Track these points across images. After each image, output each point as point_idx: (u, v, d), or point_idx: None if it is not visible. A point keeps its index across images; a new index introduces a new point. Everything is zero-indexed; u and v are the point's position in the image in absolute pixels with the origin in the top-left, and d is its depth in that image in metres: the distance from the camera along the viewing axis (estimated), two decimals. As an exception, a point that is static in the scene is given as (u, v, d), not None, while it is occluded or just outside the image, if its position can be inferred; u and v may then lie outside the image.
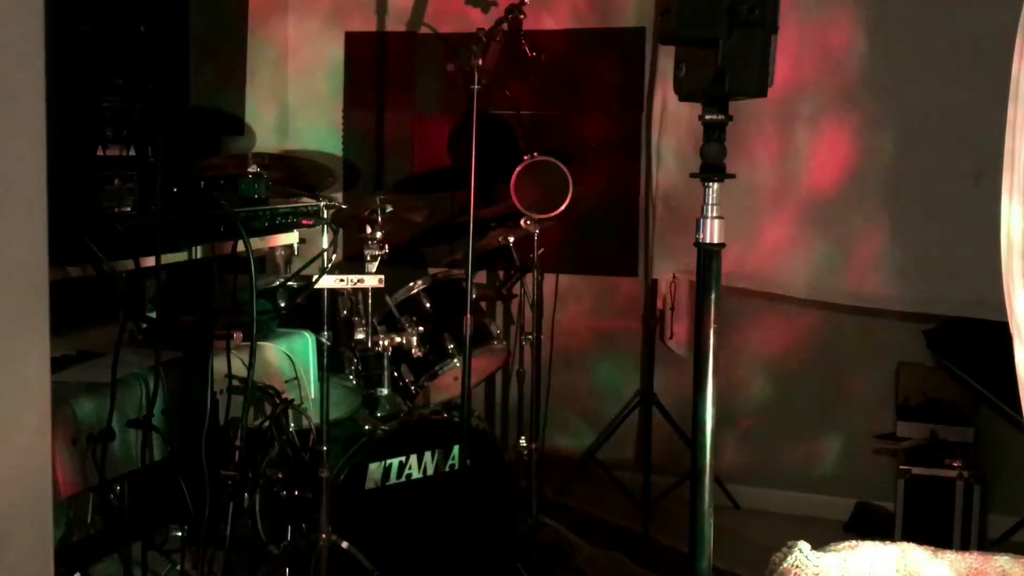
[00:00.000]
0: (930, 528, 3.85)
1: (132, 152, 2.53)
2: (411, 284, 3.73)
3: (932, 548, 2.08)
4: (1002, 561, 2.01)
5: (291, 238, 3.33)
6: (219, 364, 2.94)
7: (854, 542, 2.06)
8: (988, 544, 3.93)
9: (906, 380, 4.23)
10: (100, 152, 2.47)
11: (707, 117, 2.07)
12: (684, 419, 4.21)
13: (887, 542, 2.07)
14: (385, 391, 3.48)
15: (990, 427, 4.10)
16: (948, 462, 3.90)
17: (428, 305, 3.72)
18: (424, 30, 4.76)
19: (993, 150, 2.38)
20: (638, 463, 4.53)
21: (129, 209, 2.51)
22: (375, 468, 3.30)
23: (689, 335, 4.44)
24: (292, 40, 4.94)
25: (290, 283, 3.28)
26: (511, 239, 3.92)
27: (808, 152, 4.19)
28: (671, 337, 4.53)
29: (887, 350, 4.29)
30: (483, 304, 4.17)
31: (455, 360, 3.66)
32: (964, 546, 3.79)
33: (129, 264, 2.49)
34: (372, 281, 3.19)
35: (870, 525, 4.18)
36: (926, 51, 3.91)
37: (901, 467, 3.95)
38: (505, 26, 3.39)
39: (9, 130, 1.36)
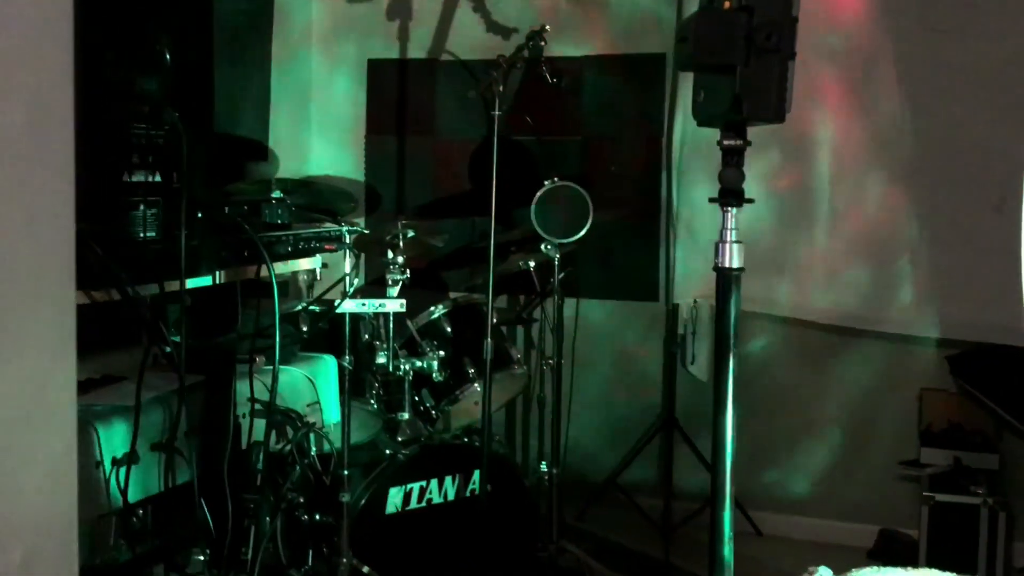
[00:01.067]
0: (955, 556, 3.81)
1: (157, 178, 2.57)
2: (432, 308, 3.75)
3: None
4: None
5: (313, 263, 3.36)
6: (242, 388, 2.96)
7: (876, 568, 2.05)
8: (1014, 573, 3.89)
9: (929, 406, 4.20)
10: (126, 178, 2.51)
11: (725, 143, 2.08)
12: (706, 445, 4.19)
13: (910, 569, 2.06)
14: (406, 415, 3.49)
15: (1015, 453, 4.06)
16: (972, 489, 3.87)
17: (449, 330, 3.73)
18: (445, 57, 4.80)
19: (1015, 178, 2.39)
20: (659, 489, 4.51)
21: (154, 234, 2.54)
22: (396, 493, 3.31)
23: (710, 360, 4.43)
24: (315, 67, 4.99)
25: (312, 307, 3.30)
26: (531, 264, 3.93)
27: (831, 180, 4.19)
28: (692, 362, 4.52)
29: (910, 376, 4.27)
30: (503, 329, 4.17)
31: (475, 385, 3.67)
32: (989, 574, 3.75)
33: (153, 288, 2.51)
34: (393, 305, 3.21)
35: (894, 552, 4.14)
36: (948, 80, 3.91)
37: (925, 494, 3.91)
38: (526, 52, 3.41)
39: (39, 157, 1.39)
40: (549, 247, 3.79)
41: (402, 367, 3.43)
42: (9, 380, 1.34)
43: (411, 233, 3.38)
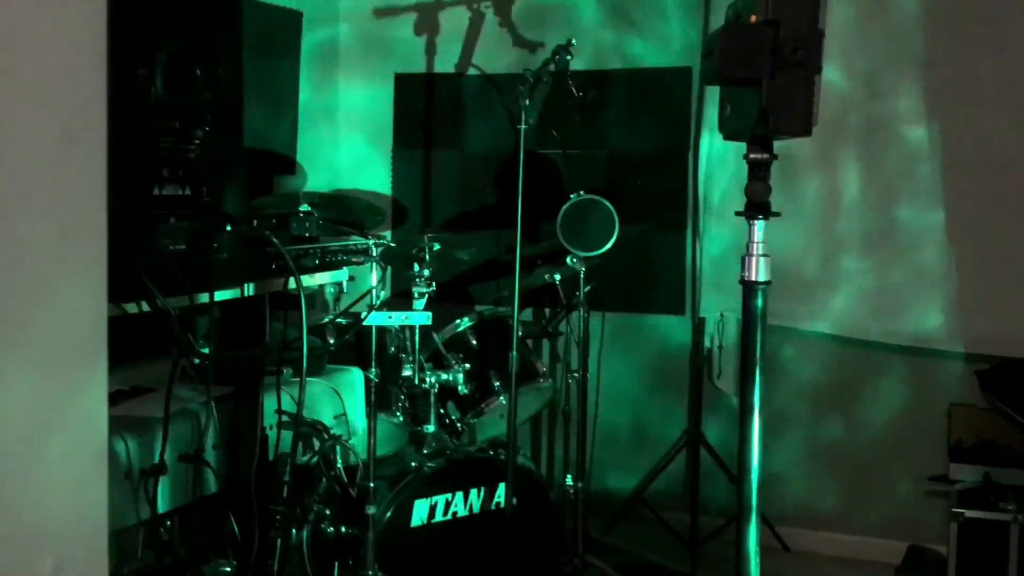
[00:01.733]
0: (984, 573, 3.77)
1: (187, 192, 2.59)
2: (458, 321, 3.76)
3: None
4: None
5: (340, 275, 3.38)
6: (269, 399, 2.98)
7: (904, 584, 2.03)
8: (1045, 590, 3.84)
9: (958, 421, 4.17)
10: (156, 191, 2.53)
11: (751, 156, 2.08)
12: (733, 459, 4.17)
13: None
14: (431, 428, 3.50)
15: (1045, 470, 4.02)
16: (1002, 505, 3.83)
17: (474, 342, 3.74)
18: (472, 71, 4.82)
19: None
20: (686, 503, 4.49)
21: (184, 247, 2.56)
22: (421, 505, 3.31)
23: (736, 374, 4.42)
24: (342, 82, 5.03)
25: (339, 320, 3.32)
26: (557, 277, 3.93)
27: (860, 190, 4.17)
28: (719, 376, 4.50)
29: (938, 391, 4.23)
30: (529, 342, 4.18)
31: (501, 398, 3.67)
32: (1020, 592, 3.71)
33: (183, 301, 2.53)
34: (420, 318, 3.22)
35: (923, 569, 4.10)
36: (977, 93, 3.90)
37: (954, 510, 3.88)
38: (552, 67, 3.42)
39: (72, 171, 1.41)
40: (575, 260, 3.79)
41: (428, 380, 3.44)
42: (42, 391, 1.35)
43: (437, 246, 3.40)
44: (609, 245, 3.76)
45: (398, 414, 3.57)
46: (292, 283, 2.83)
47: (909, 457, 4.30)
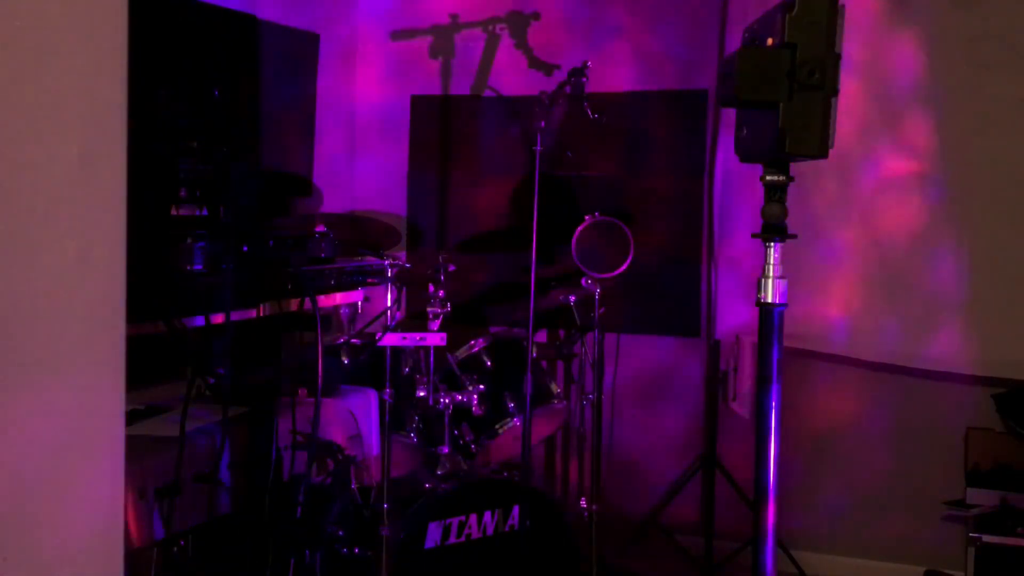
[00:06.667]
0: (1002, 599, 3.74)
1: (204, 212, 2.61)
2: (472, 343, 3.76)
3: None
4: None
5: (356, 296, 3.39)
6: (284, 420, 2.98)
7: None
8: (1064, 617, 3.80)
9: (975, 445, 4.14)
10: (174, 212, 2.55)
11: (768, 178, 2.08)
12: (748, 483, 4.15)
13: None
14: (445, 449, 3.49)
15: (1064, 495, 3.99)
16: (1020, 530, 3.80)
17: (489, 363, 3.74)
18: (488, 93, 4.84)
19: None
20: (700, 527, 4.47)
21: (200, 267, 2.58)
22: (435, 527, 3.30)
23: (752, 397, 4.40)
24: (359, 104, 5.06)
25: (354, 340, 3.32)
26: (572, 298, 3.94)
27: (877, 213, 4.17)
28: (734, 399, 4.49)
29: (955, 414, 4.21)
30: (544, 363, 4.18)
31: (515, 419, 3.67)
32: (1039, 618, 3.67)
33: (199, 321, 2.54)
34: (434, 339, 3.22)
35: (940, 594, 4.07)
36: (994, 115, 3.89)
37: (971, 535, 3.85)
38: (568, 89, 3.43)
39: (91, 192, 1.42)
40: (589, 282, 3.79)
41: (442, 401, 3.44)
42: (60, 411, 1.36)
43: (452, 267, 3.40)
44: (624, 267, 3.76)
45: (412, 435, 3.57)
46: (308, 303, 2.84)
47: (926, 481, 4.27)
